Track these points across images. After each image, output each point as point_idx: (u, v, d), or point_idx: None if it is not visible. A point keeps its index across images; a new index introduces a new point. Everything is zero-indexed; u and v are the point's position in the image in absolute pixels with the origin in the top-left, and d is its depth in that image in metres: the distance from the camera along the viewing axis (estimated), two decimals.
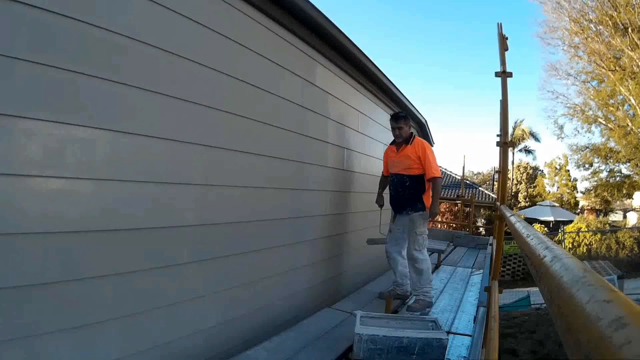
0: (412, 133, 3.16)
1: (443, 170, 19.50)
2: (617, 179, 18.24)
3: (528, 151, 28.96)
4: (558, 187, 27.72)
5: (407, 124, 3.13)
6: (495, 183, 19.30)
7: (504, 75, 2.54)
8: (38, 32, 1.34)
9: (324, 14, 2.75)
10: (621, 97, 15.33)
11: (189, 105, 1.91)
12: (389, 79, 4.21)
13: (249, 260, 2.34)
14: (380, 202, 3.38)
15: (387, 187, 3.32)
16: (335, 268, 3.48)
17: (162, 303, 1.83)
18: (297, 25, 2.68)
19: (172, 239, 1.86)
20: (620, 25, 13.78)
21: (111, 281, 1.60)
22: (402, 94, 4.80)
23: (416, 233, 2.98)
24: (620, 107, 15.61)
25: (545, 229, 18.96)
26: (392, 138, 3.23)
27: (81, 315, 1.50)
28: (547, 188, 28.74)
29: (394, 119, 3.14)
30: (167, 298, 1.85)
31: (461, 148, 77.67)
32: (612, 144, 16.54)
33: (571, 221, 17.89)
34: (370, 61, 3.67)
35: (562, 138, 19.64)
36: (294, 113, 2.77)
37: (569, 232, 15.93)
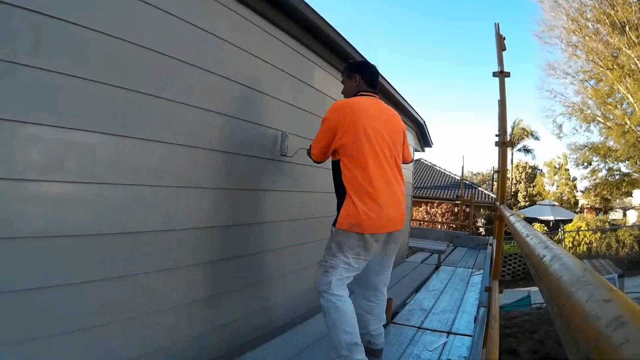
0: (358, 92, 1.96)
1: (442, 170, 19.26)
2: (616, 177, 18.28)
3: (527, 150, 28.96)
4: (558, 186, 27.78)
5: (349, 75, 2.00)
6: (494, 183, 19.31)
7: (501, 75, 2.54)
8: (39, 37, 1.34)
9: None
10: (619, 95, 15.39)
11: (190, 109, 1.92)
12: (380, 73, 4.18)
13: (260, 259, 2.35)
14: None
15: None
16: None
17: (167, 305, 1.83)
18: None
19: (173, 242, 1.86)
20: (618, 23, 13.83)
21: (113, 283, 1.60)
22: (399, 93, 4.80)
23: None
24: (618, 106, 15.67)
25: (545, 228, 18.96)
26: None
27: (84, 318, 1.50)
28: (547, 187, 28.82)
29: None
30: (172, 299, 1.85)
31: (460, 148, 77.88)
32: (611, 143, 16.58)
33: (571, 220, 17.90)
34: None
35: (561, 137, 19.69)
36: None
37: (569, 231, 15.94)
